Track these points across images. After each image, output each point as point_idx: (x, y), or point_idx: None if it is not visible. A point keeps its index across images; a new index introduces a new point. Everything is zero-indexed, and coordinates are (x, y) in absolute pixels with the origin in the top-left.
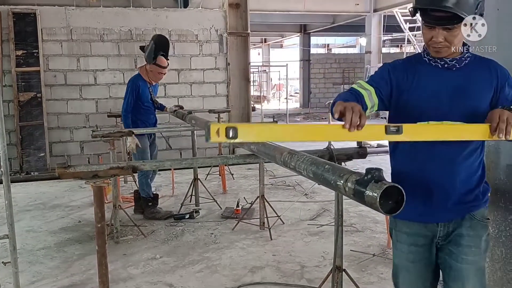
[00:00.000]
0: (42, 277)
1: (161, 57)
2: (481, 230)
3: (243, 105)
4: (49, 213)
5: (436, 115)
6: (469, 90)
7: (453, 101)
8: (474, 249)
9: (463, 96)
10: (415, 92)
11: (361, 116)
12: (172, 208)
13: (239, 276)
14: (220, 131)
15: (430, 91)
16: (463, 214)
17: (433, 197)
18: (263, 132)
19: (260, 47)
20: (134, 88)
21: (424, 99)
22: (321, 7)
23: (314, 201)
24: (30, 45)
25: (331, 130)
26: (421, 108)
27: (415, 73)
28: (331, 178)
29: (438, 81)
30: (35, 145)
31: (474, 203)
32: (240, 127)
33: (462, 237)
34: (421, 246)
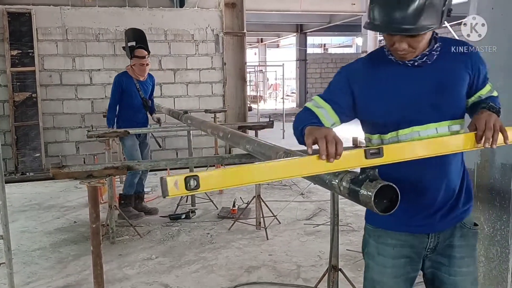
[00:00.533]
0: (37, 277)
1: (138, 49)
2: (473, 238)
3: (240, 105)
4: (44, 213)
5: (418, 119)
6: (447, 84)
7: (434, 100)
8: (467, 259)
9: (443, 92)
10: (389, 98)
11: (337, 144)
12: (168, 208)
13: (235, 276)
14: (178, 183)
15: (408, 95)
16: (454, 222)
17: (424, 204)
18: (229, 177)
19: (256, 47)
20: (118, 85)
21: (404, 104)
22: (317, 7)
23: (310, 200)
24: (25, 45)
25: (305, 164)
26: (401, 114)
27: (383, 76)
28: (326, 177)
29: (413, 83)
30: (30, 145)
31: (463, 209)
32: (202, 175)
33: (453, 248)
34: (407, 259)
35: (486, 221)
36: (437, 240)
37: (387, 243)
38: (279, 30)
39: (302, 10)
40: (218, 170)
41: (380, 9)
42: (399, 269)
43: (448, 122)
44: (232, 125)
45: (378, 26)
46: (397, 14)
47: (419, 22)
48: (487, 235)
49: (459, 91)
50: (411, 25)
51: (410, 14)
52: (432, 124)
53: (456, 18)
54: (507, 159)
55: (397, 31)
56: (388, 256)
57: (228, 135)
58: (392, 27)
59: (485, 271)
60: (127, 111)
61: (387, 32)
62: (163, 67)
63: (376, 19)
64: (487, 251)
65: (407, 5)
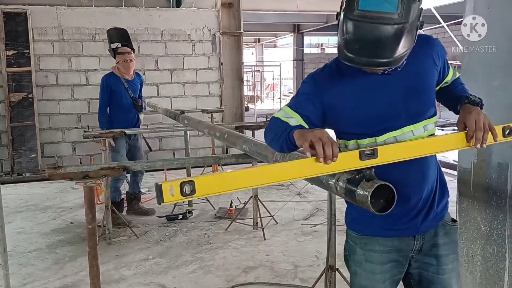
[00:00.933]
0: (33, 279)
1: (122, 47)
2: (455, 234)
3: (237, 105)
4: (40, 214)
5: (394, 126)
6: (419, 87)
7: (407, 105)
8: (452, 256)
9: (415, 96)
10: (362, 109)
11: (333, 146)
12: (165, 209)
13: (232, 277)
14: (174, 189)
15: (381, 104)
16: (436, 221)
17: (408, 207)
18: (226, 181)
19: (253, 46)
20: (106, 85)
21: (377, 113)
22: (314, 6)
23: (308, 200)
24: (21, 45)
25: (300, 166)
26: (376, 123)
27: (353, 86)
28: (323, 177)
29: (385, 91)
30: (26, 146)
31: (441, 205)
32: (198, 181)
33: (438, 247)
34: (395, 263)
35: (483, 220)
36: (422, 241)
37: (374, 249)
38: (276, 30)
39: (299, 10)
40: (214, 175)
41: (357, 43)
42: (387, 273)
43: (423, 122)
44: (229, 125)
45: (354, 60)
46: (375, 49)
47: (397, 54)
48: (484, 234)
49: (431, 89)
50: (390, 58)
51: (389, 48)
52: (408, 127)
53: (453, 18)
54: (504, 159)
55: (376, 65)
56: (376, 262)
57: (225, 135)
58: (370, 61)
59: (482, 270)
60: (117, 112)
61: (366, 67)
62: (159, 67)
63: (352, 52)
64: (484, 250)
65: (387, 39)
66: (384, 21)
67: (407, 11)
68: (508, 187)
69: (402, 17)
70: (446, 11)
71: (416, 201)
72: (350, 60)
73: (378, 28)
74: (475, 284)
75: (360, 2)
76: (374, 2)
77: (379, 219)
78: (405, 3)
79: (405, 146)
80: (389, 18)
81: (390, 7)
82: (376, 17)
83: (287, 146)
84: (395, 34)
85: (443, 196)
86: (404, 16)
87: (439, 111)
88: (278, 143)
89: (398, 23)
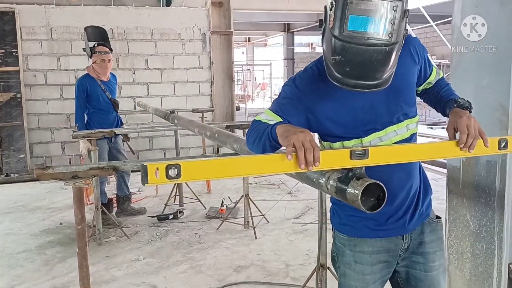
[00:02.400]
0: (22, 280)
1: (99, 46)
2: (440, 231)
3: (227, 104)
4: (29, 215)
5: (378, 126)
6: (400, 88)
7: (389, 105)
8: (439, 253)
9: (397, 98)
10: (345, 113)
11: (314, 151)
12: (156, 208)
13: (224, 276)
14: (159, 171)
15: (364, 108)
16: (422, 219)
17: (395, 207)
18: (214, 168)
19: (244, 46)
20: (82, 88)
21: (360, 117)
22: (305, 6)
23: (299, 199)
24: (8, 44)
25: (293, 160)
26: (359, 125)
27: (334, 91)
28: (314, 176)
29: (367, 95)
30: (14, 146)
31: (425, 203)
32: (184, 165)
33: (425, 244)
34: (384, 263)
35: (472, 217)
36: (410, 240)
37: (364, 251)
38: (266, 29)
39: (290, 9)
40: (202, 160)
41: (348, 65)
42: (377, 274)
43: (405, 122)
44: (220, 125)
45: (343, 82)
46: (365, 71)
47: (386, 74)
48: (473, 231)
49: (411, 88)
50: (379, 80)
51: (380, 69)
52: (391, 127)
53: (441, 17)
54: (492, 156)
55: (365, 88)
56: (366, 263)
57: (215, 134)
58: (359, 84)
59: (471, 267)
60: (96, 115)
61: (354, 89)
62: (149, 66)
63: (341, 73)
64: (473, 247)
65: (377, 62)
66: (375, 44)
67: (398, 30)
68: (497, 184)
69: (393, 37)
70: (435, 10)
71: (402, 200)
72: (338, 81)
73: (369, 51)
74: (464, 281)
75: (349, 23)
76: (363, 23)
77: (367, 221)
78: (395, 23)
79: (397, 149)
80: (380, 40)
81: (380, 28)
82: (366, 38)
83: (269, 144)
84: (385, 56)
85: (427, 194)
86: (394, 36)
87: (428, 110)
88: (260, 142)
89: (389, 44)
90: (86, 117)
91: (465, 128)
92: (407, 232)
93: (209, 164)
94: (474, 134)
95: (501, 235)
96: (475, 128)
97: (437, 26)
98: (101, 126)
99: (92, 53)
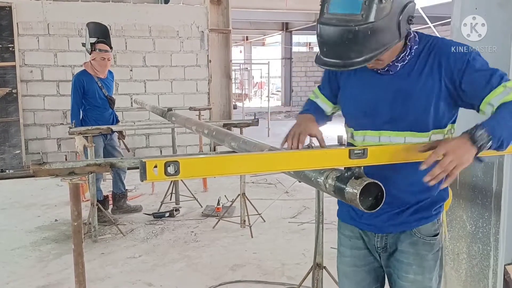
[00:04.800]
0: (17, 277)
1: (100, 43)
2: (423, 248)
3: (224, 103)
4: (24, 211)
5: (372, 125)
6: (407, 95)
7: (393, 109)
8: (415, 268)
9: (404, 99)
10: (353, 101)
11: (299, 140)
12: (152, 206)
13: (219, 274)
14: (158, 167)
15: (370, 101)
16: (402, 228)
17: None
18: (212, 165)
19: (241, 44)
20: (78, 84)
21: (363, 109)
22: (303, 5)
23: (295, 198)
24: (5, 39)
25: (289, 158)
26: (360, 116)
27: (355, 79)
28: (312, 175)
29: (373, 90)
30: (10, 142)
31: (413, 218)
32: (183, 162)
33: (401, 253)
34: (366, 251)
35: (469, 218)
36: (385, 241)
37: (345, 234)
38: (264, 28)
39: (288, 9)
40: (200, 158)
41: (325, 45)
42: (359, 259)
43: (405, 133)
44: (217, 123)
45: (321, 61)
46: (340, 51)
47: (365, 55)
48: (470, 232)
49: (424, 103)
50: (356, 59)
51: (355, 49)
52: (387, 132)
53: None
54: (490, 158)
55: (342, 67)
56: (346, 246)
57: (213, 132)
58: (336, 63)
59: (467, 268)
60: (92, 111)
61: (334, 68)
62: (147, 63)
63: (322, 53)
64: (469, 248)
65: (350, 41)
66: (347, 23)
67: (370, 11)
68: (494, 185)
69: (365, 17)
70: (433, 12)
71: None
72: (318, 61)
73: (341, 30)
74: (460, 282)
75: (330, 6)
76: (340, 4)
77: (348, 207)
78: (368, 3)
79: (396, 150)
80: (352, 20)
81: (353, 8)
82: (340, 20)
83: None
84: (358, 35)
85: (423, 212)
86: (366, 16)
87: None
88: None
89: (360, 24)
90: (81, 113)
91: (442, 152)
92: (380, 232)
93: (208, 161)
94: (445, 167)
95: (497, 236)
96: (452, 163)
97: (435, 28)
98: (97, 123)
99: (92, 49)
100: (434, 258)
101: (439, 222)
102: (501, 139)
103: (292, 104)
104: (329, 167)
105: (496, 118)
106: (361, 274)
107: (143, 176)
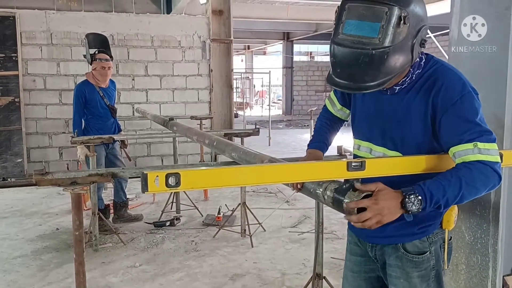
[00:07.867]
0: (18, 286)
1: (100, 53)
2: (407, 265)
3: (226, 112)
4: (26, 220)
5: (367, 139)
6: (400, 116)
7: (383, 127)
8: (403, 282)
9: (393, 123)
10: (355, 110)
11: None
12: (152, 215)
13: (219, 284)
14: (159, 179)
15: (364, 113)
16: (388, 241)
17: None
18: (213, 177)
19: (243, 53)
20: (80, 94)
21: (359, 120)
22: (304, 15)
23: (296, 208)
24: (8, 48)
25: (289, 170)
26: (356, 127)
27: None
28: (311, 186)
29: (372, 105)
30: (12, 150)
31: (401, 232)
32: (184, 174)
33: (389, 266)
34: (361, 257)
35: (467, 229)
36: (374, 252)
37: (348, 238)
38: (266, 38)
39: (289, 18)
40: (201, 170)
41: (338, 66)
42: (355, 265)
43: (395, 153)
44: (218, 132)
45: (334, 82)
46: (356, 72)
47: (379, 79)
48: (468, 243)
49: (410, 129)
50: (370, 83)
51: (369, 73)
52: (381, 147)
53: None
54: None
55: (354, 90)
56: (348, 250)
57: (213, 142)
58: (348, 85)
59: (466, 279)
60: (94, 121)
61: (346, 91)
62: (149, 73)
63: (335, 74)
64: (468, 259)
65: (366, 64)
66: (364, 46)
67: (387, 35)
68: (492, 197)
69: (382, 41)
70: (433, 22)
71: None
72: (330, 81)
73: (356, 53)
74: None
75: (345, 26)
76: (357, 26)
77: None
78: (386, 28)
79: (393, 162)
80: (369, 43)
81: (371, 31)
82: (356, 42)
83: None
84: (374, 59)
85: (409, 229)
86: (383, 40)
87: None
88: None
89: (377, 48)
90: (83, 123)
91: (367, 205)
92: (369, 241)
93: (208, 173)
94: (362, 223)
95: (496, 247)
96: (369, 220)
97: (435, 38)
98: (99, 133)
99: (92, 60)
100: (421, 276)
101: (433, 240)
102: (437, 203)
103: (293, 113)
104: (328, 179)
105: (439, 181)
106: (357, 281)
107: (145, 187)
